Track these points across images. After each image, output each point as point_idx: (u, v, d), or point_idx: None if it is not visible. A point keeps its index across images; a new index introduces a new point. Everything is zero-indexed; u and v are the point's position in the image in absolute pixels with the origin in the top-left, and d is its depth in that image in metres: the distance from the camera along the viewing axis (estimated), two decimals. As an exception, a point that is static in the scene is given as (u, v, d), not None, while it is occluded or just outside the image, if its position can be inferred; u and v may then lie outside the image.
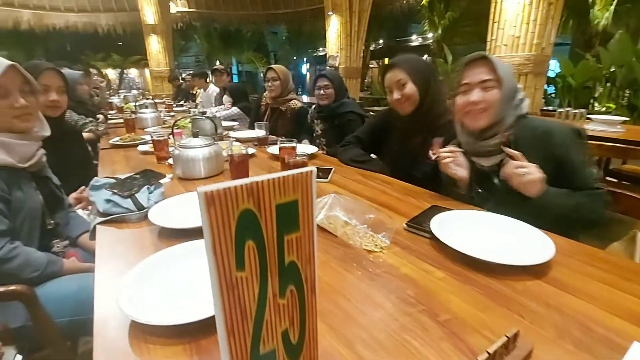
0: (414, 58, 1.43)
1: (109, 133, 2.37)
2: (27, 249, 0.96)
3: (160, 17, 8.50)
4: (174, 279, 0.66)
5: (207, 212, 0.23)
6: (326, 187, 1.24)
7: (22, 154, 1.01)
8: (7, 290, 0.86)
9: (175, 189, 1.24)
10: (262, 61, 13.63)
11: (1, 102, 0.96)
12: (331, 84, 2.16)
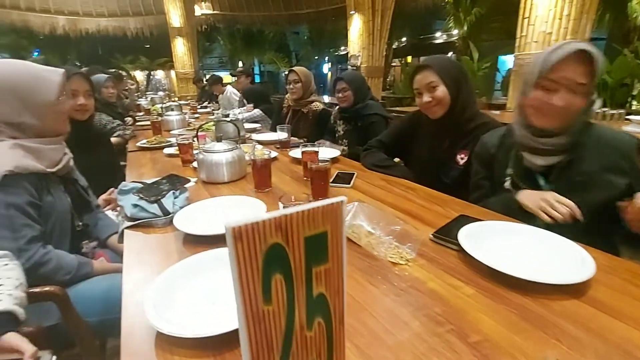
0: (445, 59, 1.38)
1: (137, 135, 2.44)
2: (58, 252, 1.00)
3: (186, 20, 8.72)
4: (199, 288, 0.67)
5: (235, 247, 0.22)
6: (348, 193, 1.22)
7: (50, 158, 1.04)
8: (41, 291, 0.90)
9: (200, 192, 1.25)
10: (284, 61, 13.74)
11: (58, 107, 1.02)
12: (348, 87, 2.14)
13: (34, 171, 0.96)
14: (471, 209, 1.05)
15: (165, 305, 0.60)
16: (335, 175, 1.38)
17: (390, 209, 1.07)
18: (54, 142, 1.07)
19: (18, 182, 0.92)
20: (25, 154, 0.96)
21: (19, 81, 0.97)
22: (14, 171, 0.90)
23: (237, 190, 1.28)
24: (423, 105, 1.37)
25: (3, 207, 0.88)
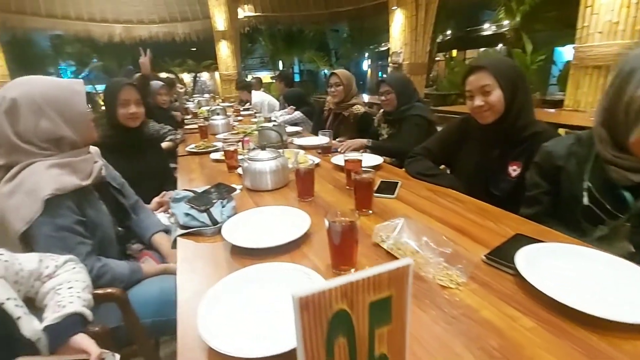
0: (503, 61, 1.30)
1: (185, 139, 2.57)
2: (111, 263, 1.04)
3: (230, 23, 9.03)
4: (248, 303, 0.68)
5: (301, 317, 0.22)
6: (392, 205, 1.19)
7: (83, 170, 1.04)
8: (105, 293, 0.97)
9: (245, 200, 1.29)
10: (323, 60, 13.76)
11: (89, 116, 1.06)
12: (392, 89, 2.09)
13: (72, 189, 0.97)
14: (528, 227, 0.98)
15: (217, 322, 0.62)
16: (378, 184, 1.35)
17: (438, 223, 1.02)
18: (83, 153, 1.07)
19: (61, 203, 0.94)
20: (61, 171, 0.97)
21: (55, 95, 0.98)
22: (56, 194, 0.92)
23: (280, 198, 1.30)
24: (474, 109, 1.29)
25: (54, 230, 0.92)
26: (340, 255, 0.79)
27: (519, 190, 1.17)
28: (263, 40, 14.42)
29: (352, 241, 0.78)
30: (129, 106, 1.65)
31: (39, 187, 0.91)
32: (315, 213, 1.14)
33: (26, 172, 0.94)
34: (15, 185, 0.92)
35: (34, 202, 0.90)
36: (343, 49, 14.08)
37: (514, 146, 1.25)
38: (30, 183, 0.92)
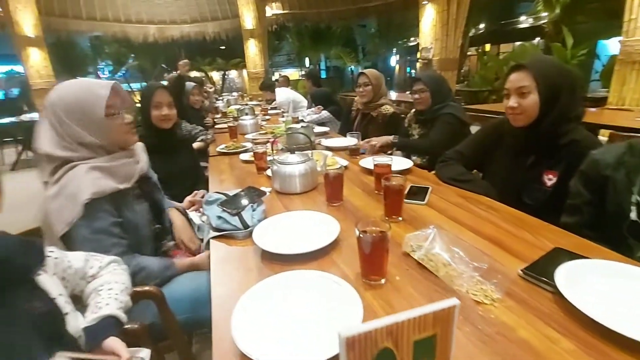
0: (550, 61, 1.22)
1: (216, 139, 2.64)
2: (146, 261, 1.09)
3: (258, 21, 9.15)
4: (281, 312, 0.70)
5: (347, 355, 0.22)
6: (422, 211, 1.17)
7: (124, 174, 1.09)
8: (142, 290, 1.02)
9: (274, 204, 1.31)
10: (350, 56, 13.68)
11: (116, 121, 1.07)
12: (426, 88, 2.04)
13: (110, 192, 1.01)
14: (568, 240, 0.93)
15: (250, 330, 0.64)
16: (408, 189, 1.33)
17: (470, 233, 1.00)
18: (125, 157, 1.11)
19: (100, 206, 0.99)
20: (100, 175, 1.01)
21: (73, 102, 1.00)
22: (94, 197, 0.97)
23: (309, 202, 1.32)
24: (507, 109, 1.25)
25: (91, 233, 0.97)
26: (370, 265, 0.78)
27: (555, 201, 1.12)
28: (290, 37, 14.52)
29: (383, 251, 0.77)
30: (162, 108, 1.72)
31: (79, 191, 0.96)
32: (344, 219, 1.14)
33: (69, 175, 0.98)
34: (59, 188, 0.97)
35: (74, 205, 0.95)
36: (370, 44, 13.92)
37: (550, 154, 1.19)
38: (71, 187, 0.97)
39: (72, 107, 1.00)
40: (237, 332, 0.63)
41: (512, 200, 1.22)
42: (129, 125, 1.12)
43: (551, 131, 1.16)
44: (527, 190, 1.24)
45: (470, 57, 11.78)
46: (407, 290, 0.76)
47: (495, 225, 1.04)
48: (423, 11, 6.95)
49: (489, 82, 7.45)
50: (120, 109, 1.09)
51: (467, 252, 0.81)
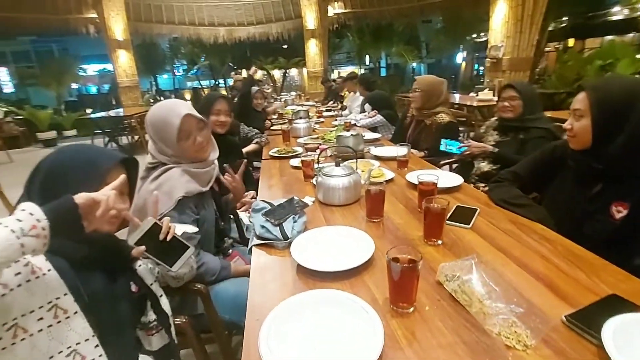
0: (619, 84, 1.10)
1: (269, 142, 2.77)
2: (208, 258, 1.23)
3: (319, 21, 9.29)
4: (305, 330, 0.73)
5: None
6: (465, 235, 1.12)
7: (204, 179, 1.30)
8: (194, 289, 1.14)
9: (316, 215, 1.35)
10: (412, 54, 13.25)
11: (187, 143, 1.24)
12: (519, 96, 1.87)
13: (195, 193, 1.22)
14: (630, 286, 0.83)
15: (277, 343, 0.69)
16: (453, 209, 1.28)
17: (515, 266, 0.94)
18: (207, 166, 1.32)
19: (186, 203, 1.19)
20: (189, 178, 1.23)
21: (155, 121, 1.24)
22: (185, 196, 1.17)
23: (349, 215, 1.33)
24: (564, 129, 1.16)
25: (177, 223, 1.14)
26: (398, 293, 0.79)
27: (623, 237, 1.00)
28: (351, 35, 14.48)
29: (412, 281, 0.77)
30: (220, 115, 1.96)
31: (174, 189, 1.17)
32: (382, 237, 1.15)
33: (166, 175, 1.21)
34: (158, 184, 1.19)
35: (169, 200, 1.15)
36: (435, 41, 13.30)
37: (622, 182, 1.06)
38: (168, 185, 1.18)
39: (155, 128, 1.24)
40: (263, 344, 0.68)
41: (571, 231, 1.11)
42: (199, 144, 1.27)
43: (621, 158, 1.03)
44: (589, 222, 1.13)
45: (549, 54, 10.67)
46: (435, 323, 0.75)
47: (546, 260, 0.96)
48: (494, 7, 6.46)
49: (568, 83, 6.68)
50: (192, 132, 1.25)
51: (506, 290, 0.77)
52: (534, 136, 1.83)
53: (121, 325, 0.83)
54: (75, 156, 0.83)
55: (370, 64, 19.09)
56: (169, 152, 1.24)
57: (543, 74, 9.45)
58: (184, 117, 1.21)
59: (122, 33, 8.05)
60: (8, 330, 0.63)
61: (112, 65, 8.30)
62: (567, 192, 1.22)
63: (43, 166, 0.80)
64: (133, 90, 8.50)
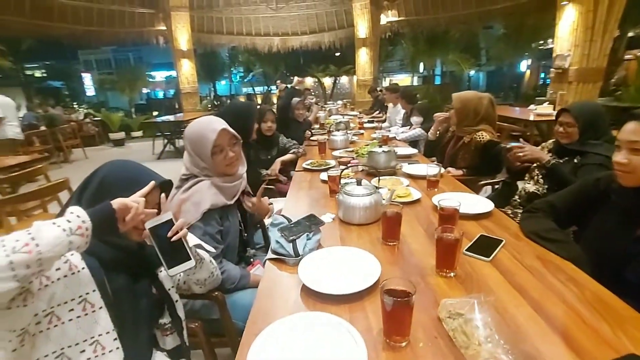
0: None
1: (306, 153, 2.83)
2: (229, 266, 1.30)
3: (371, 30, 9.28)
4: (294, 351, 0.75)
5: None
6: (483, 268, 1.06)
7: (230, 193, 1.38)
8: (211, 295, 1.22)
9: (333, 232, 1.37)
10: (469, 62, 12.67)
11: (219, 156, 1.32)
12: (575, 122, 1.69)
13: (220, 205, 1.31)
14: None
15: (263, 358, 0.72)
16: (476, 238, 1.22)
17: (531, 310, 0.86)
18: (234, 180, 1.40)
19: (212, 215, 1.28)
20: (216, 191, 1.32)
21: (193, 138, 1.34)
22: (211, 208, 1.27)
23: (366, 235, 1.33)
24: (615, 163, 1.04)
25: (202, 234, 1.24)
26: (390, 326, 0.78)
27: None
28: (404, 42, 14.23)
29: (405, 314, 0.76)
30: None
31: (202, 201, 1.27)
32: (393, 262, 1.13)
33: (196, 187, 1.31)
34: (189, 195, 1.29)
35: (196, 211, 1.25)
36: (495, 48, 12.59)
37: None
38: (197, 197, 1.28)
39: (192, 141, 1.34)
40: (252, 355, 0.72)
41: (611, 274, 1.01)
42: (230, 159, 1.36)
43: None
44: (632, 265, 1.01)
45: (629, 62, 9.53)
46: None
47: (568, 306, 0.88)
48: (561, 13, 5.96)
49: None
50: (224, 146, 1.35)
51: (513, 335, 0.73)
52: (590, 162, 1.63)
53: (139, 323, 0.92)
54: (123, 174, 0.94)
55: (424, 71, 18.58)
56: (202, 164, 1.34)
57: (620, 85, 8.50)
58: (219, 132, 1.31)
59: (186, 44, 8.76)
60: (46, 317, 0.74)
61: (176, 73, 9.03)
62: (609, 231, 1.10)
63: (95, 178, 0.91)
64: (193, 96, 9.18)
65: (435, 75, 19.73)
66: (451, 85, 16.24)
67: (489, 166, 2.33)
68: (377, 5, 9.42)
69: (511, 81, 14.44)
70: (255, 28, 10.44)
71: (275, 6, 10.20)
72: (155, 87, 16.86)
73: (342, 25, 10.54)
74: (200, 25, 9.72)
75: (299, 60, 15.39)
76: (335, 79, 15.56)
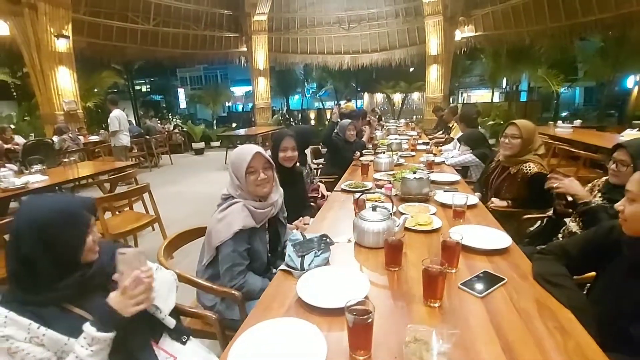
0: None
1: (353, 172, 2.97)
2: (250, 279, 1.48)
3: (443, 47, 9.08)
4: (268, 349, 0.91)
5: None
6: (471, 305, 1.09)
7: (260, 218, 1.54)
8: (230, 293, 1.43)
9: (344, 253, 1.49)
10: (558, 78, 11.49)
11: (252, 177, 1.53)
12: (630, 161, 1.53)
13: (250, 227, 1.49)
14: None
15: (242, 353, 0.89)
16: (478, 274, 1.24)
17: (499, 349, 0.89)
18: (265, 207, 1.56)
19: (242, 235, 1.46)
20: (248, 214, 1.49)
21: (234, 160, 1.55)
22: (242, 229, 1.44)
23: (373, 259, 1.42)
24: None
25: (232, 250, 1.44)
26: (353, 340, 0.88)
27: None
28: (485, 57, 13.49)
29: (365, 332, 0.86)
30: (287, 151, 2.22)
31: (234, 222, 1.45)
32: (385, 286, 1.23)
33: (230, 209, 1.49)
34: (223, 215, 1.49)
35: (228, 231, 1.44)
36: (590, 64, 11.22)
37: None
38: (230, 218, 1.47)
39: (233, 163, 1.56)
40: (233, 350, 0.89)
41: (616, 329, 0.97)
42: (262, 180, 1.55)
43: None
44: (637, 322, 0.95)
45: None
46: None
47: (542, 353, 0.87)
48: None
49: None
50: (258, 168, 1.54)
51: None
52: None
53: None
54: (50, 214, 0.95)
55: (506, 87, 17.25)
56: (237, 182, 1.55)
57: None
58: (254, 155, 1.52)
59: (263, 63, 9.61)
60: None
61: (252, 89, 9.95)
62: (618, 283, 1.04)
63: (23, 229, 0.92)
64: (265, 111, 10.00)
65: (520, 91, 18.19)
66: (539, 103, 14.80)
67: (537, 199, 2.20)
68: (452, 21, 9.19)
69: (613, 100, 12.63)
70: (327, 47, 10.98)
71: (347, 26, 10.62)
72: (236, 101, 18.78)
73: (414, 41, 10.49)
74: (277, 46, 10.58)
75: (371, 76, 15.59)
76: (405, 95, 15.39)
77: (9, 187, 2.76)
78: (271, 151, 2.29)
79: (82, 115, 7.04)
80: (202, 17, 9.54)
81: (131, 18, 8.47)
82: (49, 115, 6.35)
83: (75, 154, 5.11)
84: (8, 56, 9.08)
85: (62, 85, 6.33)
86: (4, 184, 2.76)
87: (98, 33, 8.17)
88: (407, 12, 10.26)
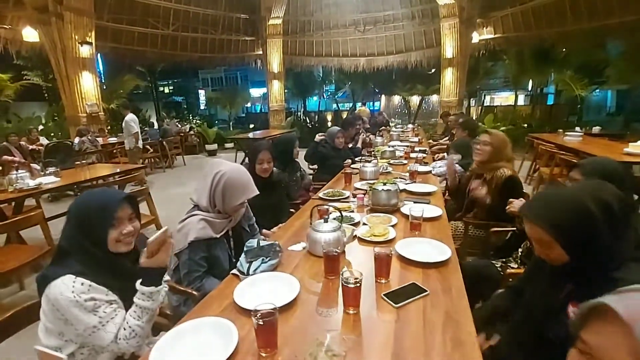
0: (568, 206, 0.99)
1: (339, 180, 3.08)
2: (208, 284, 1.60)
3: (459, 50, 8.96)
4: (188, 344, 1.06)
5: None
6: (386, 314, 1.18)
7: (219, 228, 1.70)
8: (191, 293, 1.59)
9: (296, 259, 1.62)
10: (581, 82, 11.05)
11: (240, 208, 1.76)
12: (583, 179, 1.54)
13: (207, 238, 1.63)
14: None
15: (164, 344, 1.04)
16: (405, 285, 1.33)
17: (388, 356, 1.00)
18: (223, 218, 1.72)
19: (198, 245, 1.61)
20: (205, 225, 1.63)
21: (232, 185, 1.69)
22: (196, 239, 1.59)
23: (317, 267, 1.53)
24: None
25: (187, 258, 1.60)
26: (260, 338, 1.01)
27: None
28: (508, 58, 13.13)
29: (269, 331, 0.99)
30: (263, 164, 2.39)
31: (190, 233, 1.61)
32: (316, 293, 1.34)
33: (188, 220, 1.66)
34: (182, 226, 1.66)
35: (184, 240, 1.61)
36: (614, 69, 10.71)
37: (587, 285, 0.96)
38: (186, 228, 1.64)
39: (232, 187, 1.69)
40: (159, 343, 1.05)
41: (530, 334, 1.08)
42: (241, 206, 1.76)
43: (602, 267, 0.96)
44: (548, 323, 1.04)
45: None
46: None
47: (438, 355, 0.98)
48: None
49: None
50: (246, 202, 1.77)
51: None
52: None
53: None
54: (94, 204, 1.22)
55: (531, 90, 16.68)
56: (219, 201, 1.68)
57: None
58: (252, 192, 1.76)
59: (278, 66, 9.83)
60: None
61: (267, 91, 10.19)
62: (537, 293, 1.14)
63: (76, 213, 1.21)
64: (279, 114, 10.23)
65: (547, 94, 17.54)
66: (565, 107, 14.24)
67: (507, 199, 2.24)
68: (468, 23, 9.06)
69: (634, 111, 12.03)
70: (342, 49, 11.05)
71: (363, 29, 10.65)
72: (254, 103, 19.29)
73: (431, 44, 10.40)
74: (293, 49, 10.77)
75: (390, 78, 15.50)
76: (422, 98, 15.21)
77: (23, 188, 3.08)
78: (249, 163, 2.46)
79: (104, 117, 7.52)
80: (219, 21, 9.89)
81: (152, 24, 8.93)
82: (73, 117, 6.85)
83: (92, 155, 5.49)
84: (40, 60, 9.77)
85: (85, 89, 6.79)
86: (20, 185, 3.07)
87: (120, 38, 8.68)
88: (424, 14, 10.19)
